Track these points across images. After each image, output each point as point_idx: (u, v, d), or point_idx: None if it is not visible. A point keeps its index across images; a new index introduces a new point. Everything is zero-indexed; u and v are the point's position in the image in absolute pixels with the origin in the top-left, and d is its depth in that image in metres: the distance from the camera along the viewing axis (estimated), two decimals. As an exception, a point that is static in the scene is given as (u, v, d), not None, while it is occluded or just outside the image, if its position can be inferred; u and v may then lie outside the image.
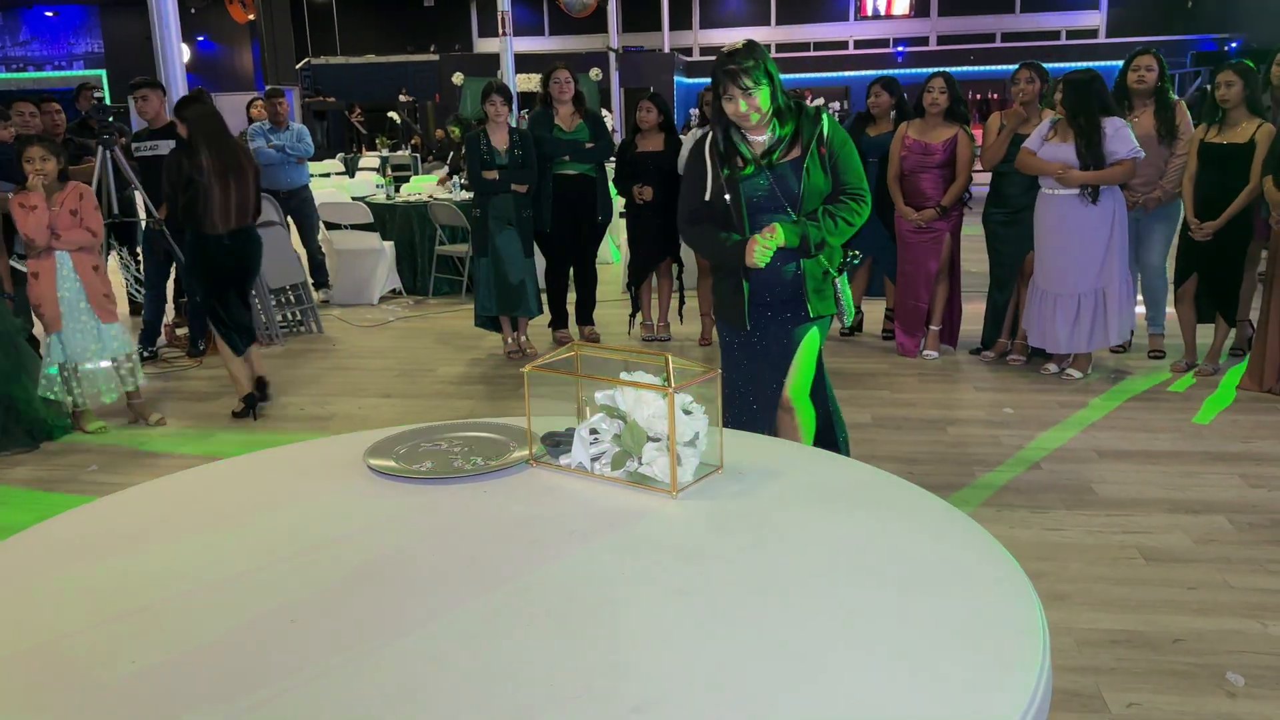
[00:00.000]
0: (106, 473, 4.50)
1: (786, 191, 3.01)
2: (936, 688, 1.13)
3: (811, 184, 2.99)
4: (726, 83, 2.90)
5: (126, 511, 1.72)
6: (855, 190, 3.05)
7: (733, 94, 2.91)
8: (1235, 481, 3.90)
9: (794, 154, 3.01)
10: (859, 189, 3.05)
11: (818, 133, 2.99)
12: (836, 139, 3.03)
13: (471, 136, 6.05)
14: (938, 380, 5.48)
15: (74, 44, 24.51)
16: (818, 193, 3.02)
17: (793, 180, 3.00)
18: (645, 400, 1.73)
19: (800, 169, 2.99)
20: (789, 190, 3.01)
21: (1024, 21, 26.24)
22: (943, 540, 1.53)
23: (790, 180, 3.00)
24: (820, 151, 3.00)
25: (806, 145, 2.99)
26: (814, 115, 3.03)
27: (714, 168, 3.06)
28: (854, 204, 3.04)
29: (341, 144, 20.10)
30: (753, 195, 3.03)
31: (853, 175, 3.05)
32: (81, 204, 4.82)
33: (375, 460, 1.86)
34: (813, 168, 2.99)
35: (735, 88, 2.89)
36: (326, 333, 7.26)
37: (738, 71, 2.88)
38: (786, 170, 3.01)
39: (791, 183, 3.00)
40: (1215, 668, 2.63)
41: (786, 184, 3.01)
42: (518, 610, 1.32)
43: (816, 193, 3.02)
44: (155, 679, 1.19)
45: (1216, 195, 5.03)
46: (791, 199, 3.01)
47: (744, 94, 2.89)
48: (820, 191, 3.02)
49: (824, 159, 3.00)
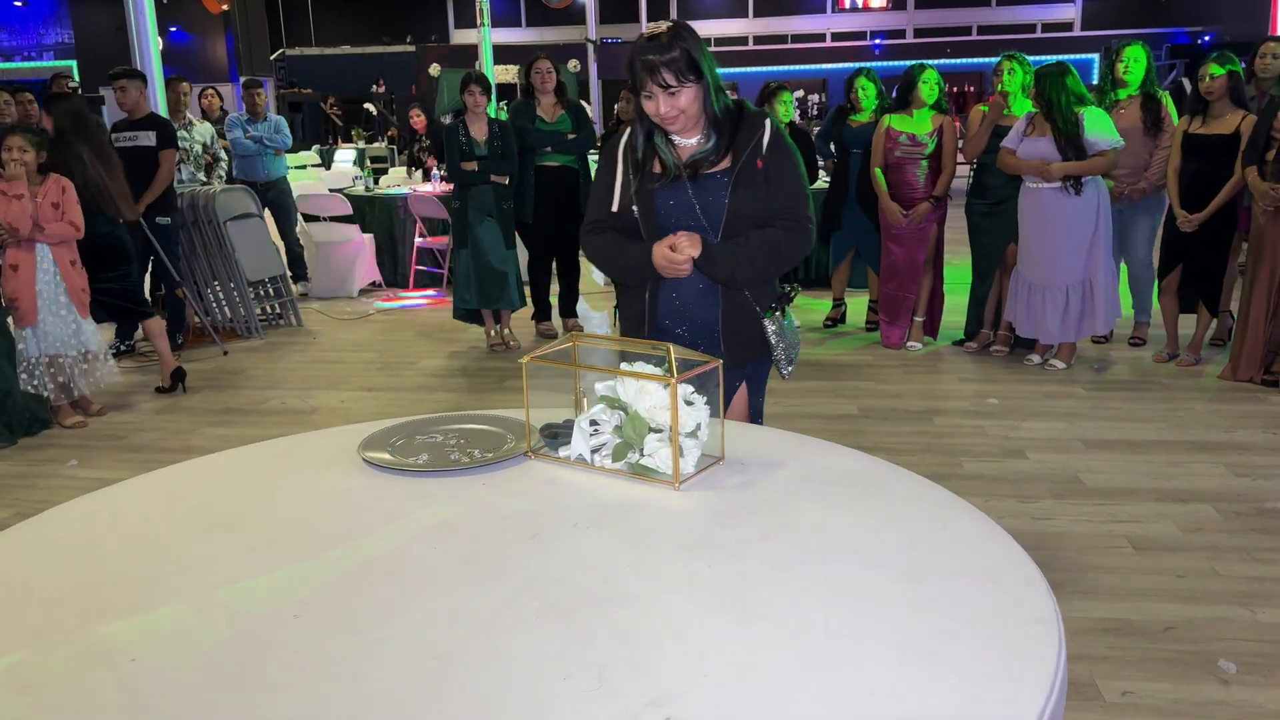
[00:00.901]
0: (87, 467, 4.43)
1: (709, 210, 2.37)
2: (956, 679, 1.12)
3: (739, 202, 2.36)
4: (644, 77, 2.26)
5: (118, 506, 1.68)
6: (795, 217, 2.40)
7: (651, 90, 2.26)
8: (1220, 471, 3.92)
9: (723, 165, 2.38)
10: (800, 216, 2.40)
11: (755, 141, 2.37)
12: (781, 149, 2.40)
13: (450, 127, 6.00)
14: (922, 371, 5.48)
15: (43, 34, 24.15)
16: (747, 215, 2.37)
17: (718, 197, 2.37)
18: (647, 391, 1.71)
19: (729, 183, 2.37)
20: (712, 209, 2.37)
21: (1000, 14, 26.34)
22: (949, 529, 1.52)
23: (715, 197, 2.37)
24: (756, 165, 2.37)
25: (739, 156, 2.37)
26: (755, 120, 2.40)
27: (626, 174, 2.44)
28: (790, 234, 2.39)
29: (317, 136, 19.93)
30: (668, 211, 2.39)
31: (794, 198, 2.40)
32: (63, 197, 4.75)
33: (370, 453, 1.83)
34: (743, 184, 2.36)
35: (653, 84, 2.25)
36: (306, 326, 7.19)
37: (657, 64, 2.23)
38: (712, 184, 2.37)
39: (716, 200, 2.37)
40: (1207, 655, 2.64)
41: (710, 201, 2.37)
42: (525, 604, 1.30)
43: (746, 215, 2.37)
44: (156, 677, 1.16)
45: (1201, 186, 5.07)
46: (714, 220, 2.38)
47: (665, 92, 2.25)
48: (751, 214, 2.37)
49: (759, 174, 2.37)
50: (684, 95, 2.26)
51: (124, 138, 6.12)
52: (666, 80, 2.23)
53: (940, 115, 5.62)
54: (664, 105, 2.27)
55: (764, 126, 2.39)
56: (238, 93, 18.69)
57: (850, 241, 6.33)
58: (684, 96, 2.26)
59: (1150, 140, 5.34)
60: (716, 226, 2.38)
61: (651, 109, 2.30)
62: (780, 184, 2.38)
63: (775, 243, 2.37)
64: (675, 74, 2.23)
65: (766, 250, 2.36)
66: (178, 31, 20.93)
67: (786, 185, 2.39)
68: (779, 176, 2.38)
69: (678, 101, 2.27)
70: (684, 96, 2.26)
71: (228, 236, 6.70)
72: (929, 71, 5.62)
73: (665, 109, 2.27)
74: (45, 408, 4.92)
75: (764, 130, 2.39)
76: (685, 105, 2.28)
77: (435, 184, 8.38)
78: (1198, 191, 5.09)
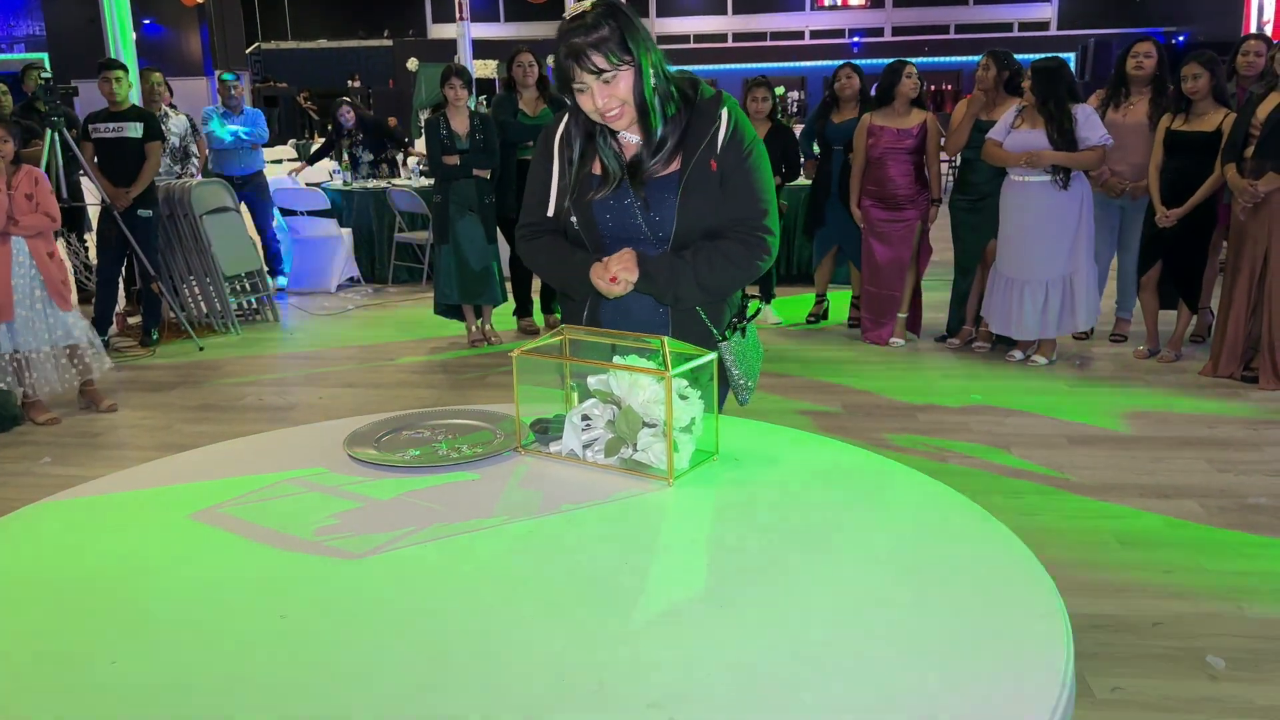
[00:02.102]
0: (61, 465, 4.35)
1: (656, 221, 2.04)
2: (965, 679, 1.09)
3: (690, 212, 2.02)
4: (571, 66, 1.90)
5: (96, 504, 1.63)
6: (755, 228, 2.04)
7: (583, 81, 1.90)
8: (1203, 466, 3.93)
9: (674, 166, 2.03)
10: (761, 227, 2.05)
11: (710, 137, 2.01)
12: (739, 146, 2.03)
13: (431, 121, 5.94)
14: (905, 368, 5.47)
15: (14, 26, 23.85)
16: (700, 227, 2.03)
17: (667, 203, 2.02)
18: (640, 385, 1.67)
19: (678, 189, 2.02)
20: (660, 220, 2.04)
21: (977, 13, 26.48)
22: (947, 524, 1.50)
23: (664, 203, 2.03)
24: (710, 165, 2.01)
25: (692, 154, 2.01)
26: (710, 108, 2.02)
27: (562, 173, 2.10)
28: (747, 248, 2.04)
29: (294, 130, 19.78)
30: (611, 220, 2.07)
31: (752, 206, 2.04)
32: (37, 188, 4.65)
33: (355, 449, 1.79)
34: (694, 189, 2.01)
35: (583, 72, 1.89)
36: (283, 321, 7.10)
37: (582, 48, 1.87)
38: (660, 191, 2.03)
39: (666, 207, 2.03)
40: (1196, 651, 2.64)
41: (659, 208, 2.03)
42: (520, 603, 1.26)
43: (699, 226, 2.03)
44: (136, 679, 1.12)
45: (1182, 183, 5.08)
46: (663, 230, 2.04)
47: (598, 80, 1.90)
48: (705, 226, 2.03)
49: (713, 177, 2.02)
50: (622, 81, 1.91)
51: (107, 129, 6.03)
52: (597, 64, 1.87)
53: (921, 111, 5.62)
54: (600, 97, 1.92)
55: (720, 119, 2.02)
56: (213, 86, 18.51)
57: (833, 237, 6.31)
58: (622, 83, 1.91)
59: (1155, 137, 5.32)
60: (665, 239, 2.05)
61: (588, 104, 1.94)
62: (737, 188, 2.03)
63: (726, 258, 2.03)
64: (606, 56, 1.87)
65: (716, 267, 2.02)
66: (151, 24, 20.71)
67: (744, 190, 2.04)
68: (736, 179, 2.03)
69: (616, 90, 1.91)
70: (622, 83, 1.91)
71: (204, 230, 6.61)
72: (909, 67, 5.62)
73: (603, 100, 1.92)
74: (15, 404, 4.83)
75: (720, 123, 2.02)
76: (626, 94, 1.93)
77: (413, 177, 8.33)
78: (1179, 189, 5.10)
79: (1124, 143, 5.32)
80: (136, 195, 6.01)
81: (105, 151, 6.03)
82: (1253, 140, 4.75)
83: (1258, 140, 4.72)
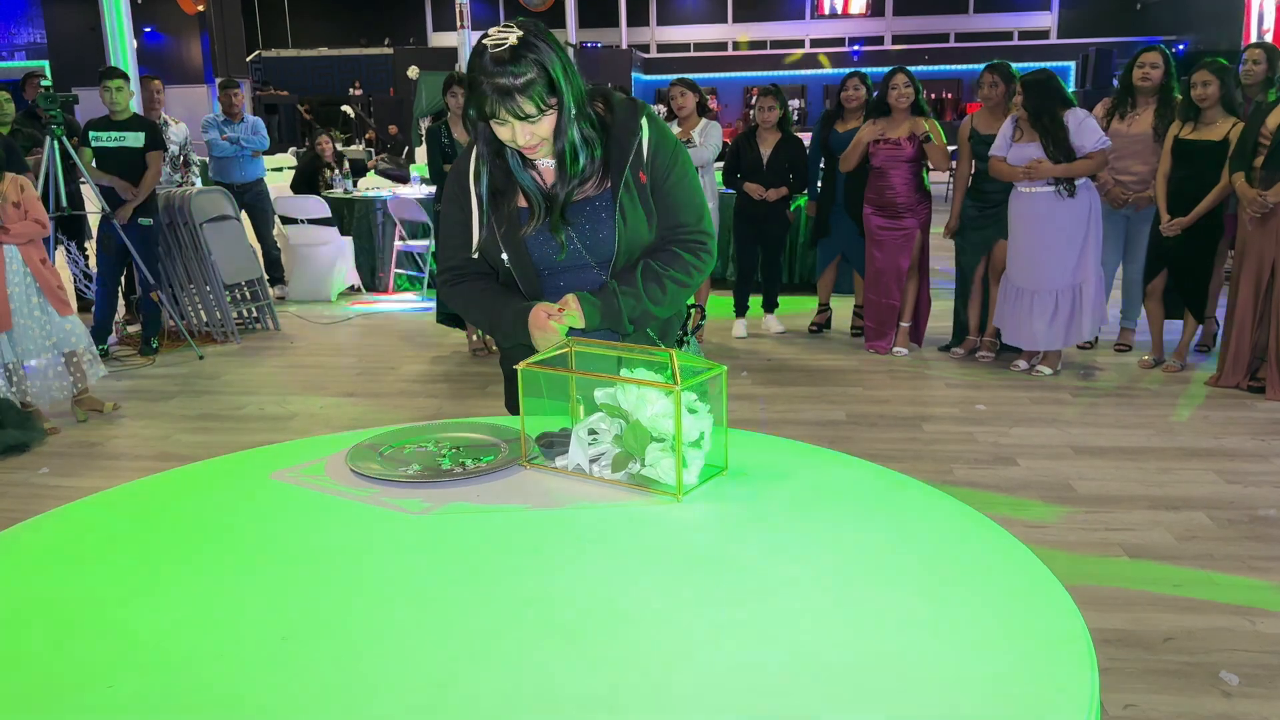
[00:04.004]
0: (59, 476, 4.31)
1: (595, 243, 2.00)
2: (988, 702, 1.06)
3: (630, 230, 1.99)
4: (494, 103, 1.81)
5: (93, 519, 1.60)
6: (693, 235, 2.04)
7: (504, 117, 1.83)
8: (1211, 478, 3.90)
9: (605, 186, 1.99)
10: (698, 232, 2.05)
11: (635, 148, 1.97)
12: (664, 153, 2.00)
13: (432, 129, 5.92)
14: (909, 377, 5.45)
15: (15, 34, 23.88)
16: (639, 242, 2.02)
17: (605, 224, 1.99)
18: (649, 398, 1.64)
19: (613, 209, 1.98)
20: (599, 244, 2.00)
21: (977, 22, 26.52)
22: (965, 543, 1.46)
23: (602, 224, 1.99)
24: (640, 177, 1.98)
25: (620, 171, 1.97)
26: (628, 120, 1.98)
27: (483, 209, 2.02)
28: (690, 256, 2.04)
29: (294, 138, 19.78)
30: (545, 252, 2.01)
31: (687, 211, 2.04)
32: (23, 195, 4.63)
33: (358, 463, 1.75)
34: (629, 207, 1.98)
35: (508, 113, 1.82)
36: (283, 330, 7.08)
37: (511, 90, 1.79)
38: (592, 214, 1.99)
39: (601, 229, 1.99)
40: (1208, 666, 2.60)
41: (595, 231, 1.99)
42: (528, 625, 1.23)
43: (638, 242, 2.01)
44: (134, 704, 1.08)
45: (1191, 192, 5.06)
46: (603, 256, 2.02)
47: (521, 121, 1.84)
48: (643, 240, 2.02)
49: (644, 189, 1.99)
50: (545, 121, 1.85)
51: (109, 138, 6.02)
52: (524, 110, 1.81)
53: (919, 120, 5.59)
54: (522, 135, 1.86)
55: (640, 129, 1.97)
56: (213, 93, 18.51)
57: (837, 246, 6.29)
58: (545, 123, 1.85)
59: (1160, 147, 5.29)
60: (607, 262, 2.01)
61: (506, 136, 1.87)
62: (668, 196, 2.01)
63: (673, 274, 2.01)
64: (534, 101, 1.80)
65: (666, 287, 2.01)
66: (152, 32, 20.71)
67: (676, 197, 2.02)
68: (667, 186, 2.00)
69: (539, 129, 1.85)
70: (545, 123, 1.85)
71: (204, 239, 6.59)
72: (897, 77, 5.60)
73: (524, 139, 1.86)
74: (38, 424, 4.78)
75: (641, 134, 1.97)
76: (548, 132, 1.87)
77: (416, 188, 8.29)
78: (1186, 197, 5.08)
79: (1129, 152, 5.30)
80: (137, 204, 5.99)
81: (106, 161, 6.01)
82: (1262, 150, 4.73)
83: (1268, 150, 4.69)
